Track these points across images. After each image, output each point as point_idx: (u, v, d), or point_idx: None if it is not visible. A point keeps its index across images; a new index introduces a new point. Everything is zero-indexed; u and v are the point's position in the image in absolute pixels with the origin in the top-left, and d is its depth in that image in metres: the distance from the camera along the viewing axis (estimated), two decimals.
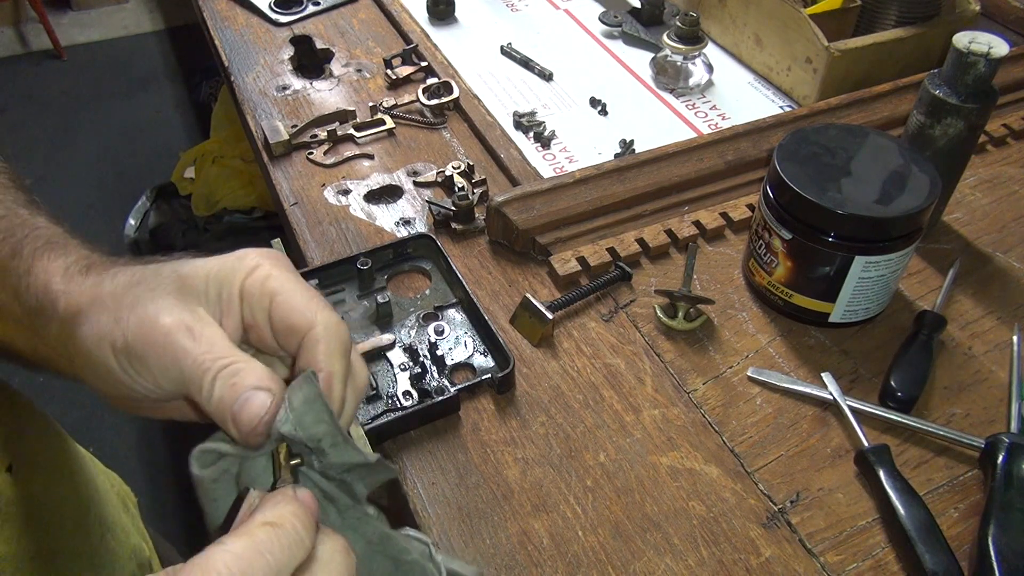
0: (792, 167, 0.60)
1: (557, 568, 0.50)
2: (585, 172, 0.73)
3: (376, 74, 0.94)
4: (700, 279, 0.69)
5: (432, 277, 0.68)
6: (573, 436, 0.57)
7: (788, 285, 0.63)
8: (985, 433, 0.55)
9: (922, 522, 0.50)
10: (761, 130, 0.79)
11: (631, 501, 0.53)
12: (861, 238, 0.58)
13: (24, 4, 3.01)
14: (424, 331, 0.63)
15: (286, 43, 0.98)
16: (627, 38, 1.03)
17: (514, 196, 0.70)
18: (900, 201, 0.58)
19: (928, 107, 0.64)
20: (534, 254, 0.70)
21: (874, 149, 0.63)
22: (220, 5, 1.06)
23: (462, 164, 0.78)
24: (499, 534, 0.51)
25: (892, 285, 0.62)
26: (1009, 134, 0.84)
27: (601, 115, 0.90)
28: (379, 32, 1.02)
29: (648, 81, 0.95)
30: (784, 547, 0.51)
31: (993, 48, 0.60)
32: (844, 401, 0.58)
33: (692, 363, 0.62)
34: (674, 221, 0.72)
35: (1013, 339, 0.63)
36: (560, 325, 0.65)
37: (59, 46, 2.95)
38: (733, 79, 0.96)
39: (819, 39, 0.85)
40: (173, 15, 3.23)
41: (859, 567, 0.50)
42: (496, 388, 0.59)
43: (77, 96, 2.80)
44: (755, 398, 0.60)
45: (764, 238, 0.63)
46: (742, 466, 0.55)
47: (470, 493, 0.53)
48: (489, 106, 0.89)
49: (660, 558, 0.50)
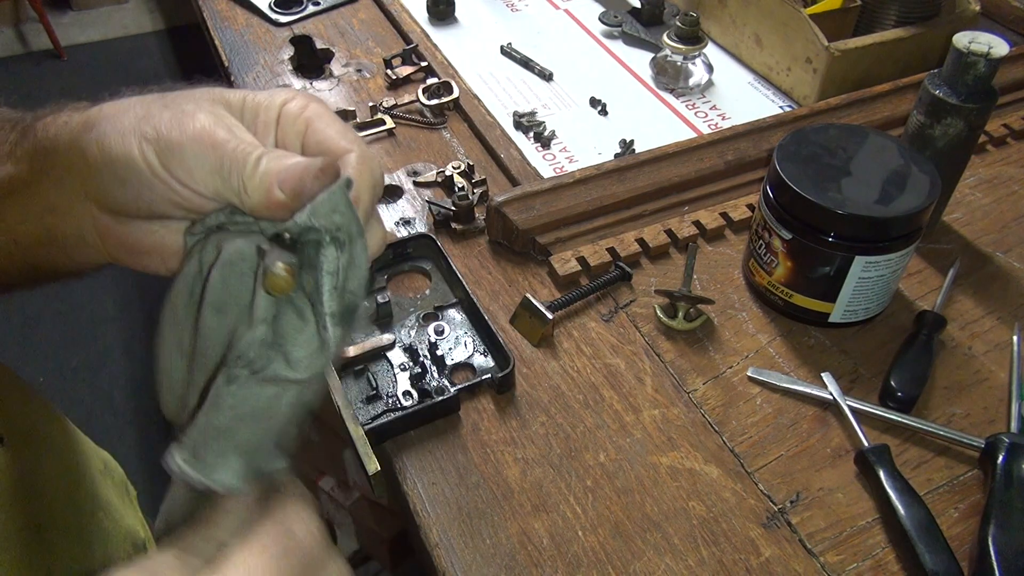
0: (792, 167, 0.60)
1: (557, 568, 0.50)
2: (585, 172, 0.73)
3: (376, 74, 0.94)
4: (700, 279, 0.69)
5: (432, 277, 0.68)
6: (573, 436, 0.57)
7: (788, 285, 0.63)
8: (985, 433, 0.55)
9: (922, 522, 0.50)
10: (761, 130, 0.79)
11: (631, 501, 0.53)
12: (861, 238, 0.58)
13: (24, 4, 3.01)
14: (424, 331, 0.63)
15: (286, 43, 0.98)
16: (627, 38, 1.03)
17: (514, 196, 0.70)
18: (900, 201, 0.58)
19: (928, 107, 0.64)
20: (534, 254, 0.70)
21: (874, 149, 0.63)
22: (220, 5, 1.06)
23: (462, 164, 0.78)
24: (499, 534, 0.51)
25: (892, 285, 0.62)
26: (1009, 134, 0.84)
27: (601, 115, 0.90)
28: (379, 32, 1.02)
29: (648, 81, 0.95)
30: (784, 547, 0.51)
31: (993, 48, 0.60)
32: (844, 401, 0.58)
33: (692, 363, 0.62)
34: (674, 221, 0.72)
35: (1013, 339, 0.63)
36: (560, 325, 0.65)
37: (59, 46, 2.95)
38: (733, 79, 0.96)
39: (819, 39, 0.85)
40: (173, 15, 3.23)
41: (859, 567, 0.50)
42: (496, 388, 0.59)
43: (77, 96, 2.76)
44: (755, 398, 0.60)
45: (764, 238, 0.63)
46: (742, 466, 0.55)
47: (470, 493, 0.53)
48: (489, 106, 0.89)
49: (660, 558, 0.50)
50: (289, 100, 0.35)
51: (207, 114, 0.33)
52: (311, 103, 0.35)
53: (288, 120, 0.35)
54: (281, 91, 0.36)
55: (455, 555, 0.50)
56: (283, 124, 0.35)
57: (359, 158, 0.34)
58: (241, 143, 0.33)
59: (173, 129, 0.33)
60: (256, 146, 0.33)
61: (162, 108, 0.34)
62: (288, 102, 0.35)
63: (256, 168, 0.32)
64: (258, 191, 0.32)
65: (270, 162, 0.32)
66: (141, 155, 0.33)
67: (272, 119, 0.35)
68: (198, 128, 0.33)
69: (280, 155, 0.32)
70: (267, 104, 0.35)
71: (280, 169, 0.32)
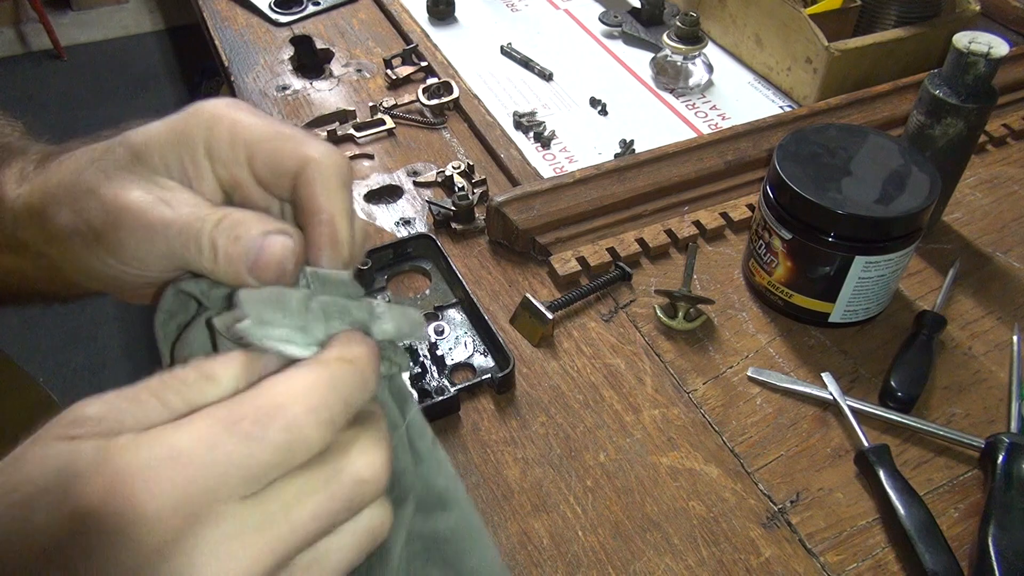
0: (792, 167, 0.60)
1: (557, 568, 0.50)
2: (585, 172, 0.73)
3: (376, 74, 0.94)
4: (700, 279, 0.69)
5: (432, 277, 0.68)
6: (573, 436, 0.57)
7: (788, 285, 0.63)
8: (985, 433, 0.55)
9: (922, 522, 0.50)
10: (761, 130, 0.79)
11: (631, 501, 0.53)
12: (861, 238, 0.58)
13: (24, 4, 3.00)
14: (424, 331, 0.63)
15: (286, 43, 0.98)
16: (627, 38, 1.03)
17: (514, 196, 0.70)
18: (900, 201, 0.58)
19: (928, 107, 0.64)
20: (534, 254, 0.70)
21: (874, 149, 0.63)
22: (220, 5, 1.06)
23: (462, 164, 0.78)
24: (499, 534, 0.51)
25: (892, 285, 0.62)
26: (1009, 134, 0.84)
27: (601, 115, 0.90)
28: (379, 32, 1.02)
29: (648, 81, 0.95)
30: (784, 547, 0.51)
31: (993, 48, 0.60)
32: (844, 401, 0.58)
33: (692, 363, 0.62)
34: (674, 221, 0.72)
35: (1013, 339, 0.63)
36: (560, 325, 0.65)
37: (59, 46, 2.95)
38: (733, 79, 0.96)
39: (819, 39, 0.85)
40: (173, 15, 3.23)
41: (859, 567, 0.50)
42: (496, 388, 0.59)
43: (77, 96, 2.80)
44: (755, 398, 0.60)
45: (764, 238, 0.63)
46: (742, 466, 0.55)
47: (470, 493, 0.53)
48: (489, 106, 0.89)
49: (660, 558, 0.50)
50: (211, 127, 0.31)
51: (132, 191, 0.30)
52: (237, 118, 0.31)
53: (223, 154, 0.31)
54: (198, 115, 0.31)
55: None
56: (218, 160, 0.31)
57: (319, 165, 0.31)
58: (184, 218, 0.29)
59: (107, 227, 0.30)
60: (203, 216, 0.30)
61: (87, 196, 0.31)
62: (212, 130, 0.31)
63: (215, 249, 0.29)
64: (227, 275, 0.30)
65: (228, 243, 0.29)
66: (93, 256, 0.31)
67: (200, 157, 0.31)
68: (130, 217, 0.30)
69: (233, 228, 0.29)
70: (188, 143, 0.31)
71: (242, 254, 0.29)
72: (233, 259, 0.29)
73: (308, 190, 0.30)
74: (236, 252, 0.29)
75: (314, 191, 0.30)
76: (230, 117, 0.31)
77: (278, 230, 0.29)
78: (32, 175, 0.34)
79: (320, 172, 0.30)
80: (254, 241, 0.29)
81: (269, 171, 0.31)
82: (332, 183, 0.31)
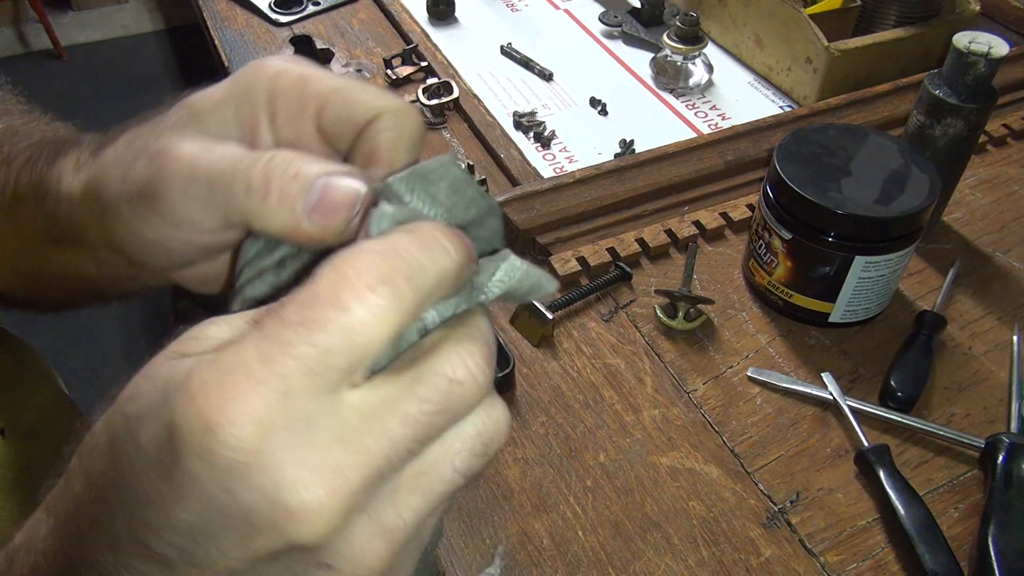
0: (792, 167, 0.60)
1: (557, 568, 0.50)
2: (585, 172, 0.73)
3: (376, 74, 0.94)
4: (700, 279, 0.69)
5: None
6: (573, 436, 0.57)
7: (788, 285, 0.63)
8: (985, 433, 0.55)
9: (922, 522, 0.50)
10: (761, 130, 0.79)
11: (631, 501, 0.53)
12: (861, 238, 0.58)
13: (24, 4, 3.00)
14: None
15: (286, 43, 0.98)
16: (627, 38, 1.03)
17: (514, 196, 0.70)
18: (900, 201, 0.58)
19: (928, 107, 0.64)
20: (534, 254, 0.70)
21: (874, 149, 0.63)
22: (220, 5, 1.06)
23: (462, 164, 0.78)
24: (499, 534, 0.51)
25: (892, 285, 0.62)
26: (1009, 134, 0.84)
27: (601, 115, 0.90)
28: (379, 32, 1.02)
29: (648, 81, 0.95)
30: (784, 547, 0.51)
31: (993, 48, 0.60)
32: (844, 401, 0.58)
33: (692, 363, 0.62)
34: (674, 221, 0.72)
35: (1013, 339, 0.63)
36: (560, 325, 0.65)
37: (59, 46, 2.95)
38: (733, 79, 0.96)
39: (819, 39, 0.85)
40: (173, 15, 3.23)
41: (859, 567, 0.50)
42: (496, 388, 0.59)
43: (77, 96, 2.80)
44: (755, 398, 0.60)
45: (764, 238, 0.63)
46: (742, 466, 0.55)
47: (470, 493, 0.53)
48: (489, 106, 0.89)
49: (660, 558, 0.50)
50: (275, 79, 0.29)
51: (178, 144, 0.28)
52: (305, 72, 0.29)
53: (289, 107, 0.29)
54: (262, 68, 0.29)
55: (455, 555, 0.50)
56: (283, 113, 0.29)
57: (392, 116, 0.28)
58: (230, 162, 0.27)
59: (152, 182, 0.28)
60: (253, 157, 0.27)
61: (135, 157, 0.30)
62: (275, 81, 0.29)
63: (266, 191, 0.26)
64: (276, 219, 0.26)
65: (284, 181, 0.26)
66: (140, 220, 0.30)
67: (259, 109, 0.29)
68: (173, 167, 0.28)
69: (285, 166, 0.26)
70: (249, 95, 0.29)
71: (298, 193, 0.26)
72: (289, 197, 0.26)
73: (376, 141, 0.28)
74: (293, 189, 0.26)
75: (381, 142, 0.28)
76: (296, 70, 0.29)
77: (345, 172, 0.26)
78: (88, 161, 0.33)
79: (395, 123, 0.29)
80: (317, 179, 0.26)
81: (340, 121, 0.29)
82: (404, 135, 0.29)
